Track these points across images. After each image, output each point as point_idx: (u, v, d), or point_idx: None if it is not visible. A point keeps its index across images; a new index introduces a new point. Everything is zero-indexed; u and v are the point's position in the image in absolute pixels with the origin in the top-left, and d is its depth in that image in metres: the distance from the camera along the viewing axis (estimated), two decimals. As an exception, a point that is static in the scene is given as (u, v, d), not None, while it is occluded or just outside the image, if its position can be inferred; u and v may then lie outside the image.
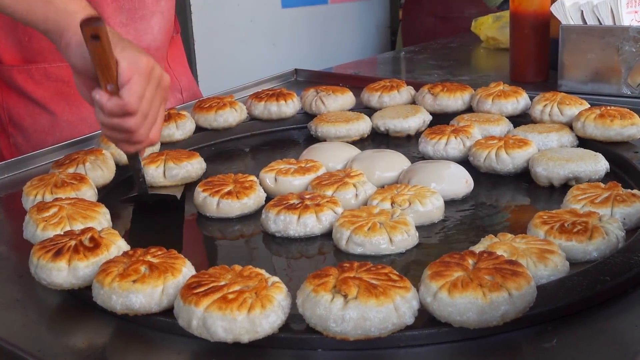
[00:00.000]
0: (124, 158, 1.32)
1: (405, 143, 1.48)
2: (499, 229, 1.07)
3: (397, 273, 0.79)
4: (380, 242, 0.99)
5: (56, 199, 1.07)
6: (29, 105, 1.59)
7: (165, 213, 1.21)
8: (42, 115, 1.60)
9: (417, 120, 1.48)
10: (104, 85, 1.03)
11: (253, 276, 0.79)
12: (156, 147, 1.37)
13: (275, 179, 1.21)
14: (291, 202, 1.08)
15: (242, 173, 1.21)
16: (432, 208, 1.09)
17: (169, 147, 1.44)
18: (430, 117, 1.52)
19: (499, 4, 2.93)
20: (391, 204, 1.08)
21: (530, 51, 1.92)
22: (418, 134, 1.45)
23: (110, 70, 1.02)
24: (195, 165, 1.30)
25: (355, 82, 1.90)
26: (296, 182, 1.20)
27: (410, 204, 1.08)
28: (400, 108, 1.56)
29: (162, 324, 0.82)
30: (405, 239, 1.00)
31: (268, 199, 1.18)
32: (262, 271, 0.81)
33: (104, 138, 1.35)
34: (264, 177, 1.22)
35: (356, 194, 1.14)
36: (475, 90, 1.57)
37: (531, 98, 1.50)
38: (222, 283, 0.78)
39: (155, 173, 1.26)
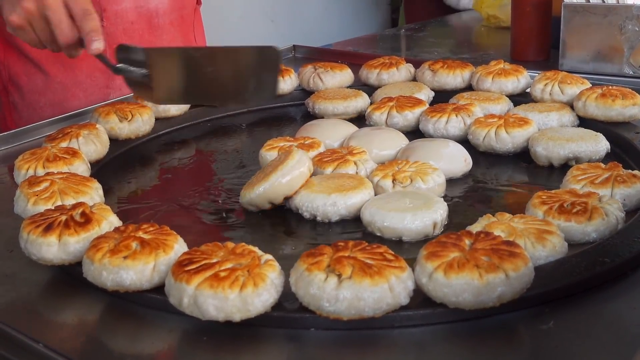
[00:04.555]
0: (118, 133, 1.31)
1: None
2: (497, 208, 1.05)
3: (393, 253, 0.78)
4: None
5: (48, 174, 1.05)
6: (26, 64, 1.60)
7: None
8: (37, 74, 1.61)
9: (421, 96, 1.46)
10: None
11: (246, 254, 0.78)
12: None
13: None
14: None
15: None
16: (433, 185, 1.08)
17: (165, 123, 1.43)
18: (432, 94, 1.51)
19: None
20: (392, 181, 1.07)
21: (532, 29, 1.89)
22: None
23: None
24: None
25: (353, 59, 1.88)
26: None
27: (411, 181, 1.07)
28: (403, 85, 1.54)
29: (153, 301, 0.81)
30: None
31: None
32: (255, 249, 0.80)
33: (100, 112, 1.33)
34: (265, 155, 1.20)
35: (356, 172, 1.12)
36: (475, 68, 1.55)
37: (532, 77, 1.48)
38: (214, 260, 0.77)
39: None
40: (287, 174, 1.02)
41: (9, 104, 1.61)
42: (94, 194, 1.03)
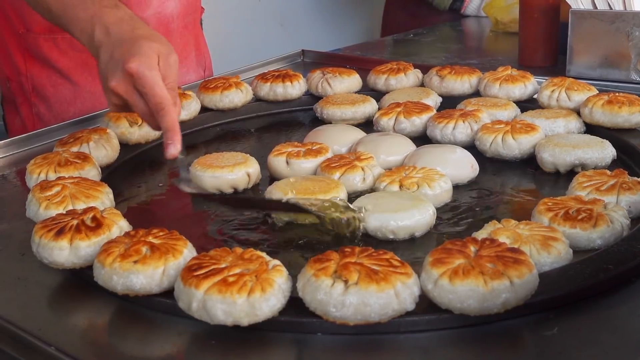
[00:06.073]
0: (129, 137, 1.32)
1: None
2: (503, 214, 1.06)
3: (399, 259, 0.79)
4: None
5: (59, 178, 1.07)
6: (52, 75, 1.61)
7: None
8: (64, 85, 1.62)
9: (429, 102, 1.47)
10: None
11: (254, 259, 0.79)
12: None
13: (287, 162, 1.20)
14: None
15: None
16: (440, 191, 1.09)
17: (174, 127, 1.44)
18: (440, 99, 1.51)
19: (449, 6, 2.82)
20: (399, 187, 1.08)
21: (540, 35, 1.89)
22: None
23: None
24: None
25: (362, 64, 1.89)
26: (309, 165, 1.20)
27: (418, 187, 1.08)
28: (411, 91, 1.55)
29: (162, 305, 0.82)
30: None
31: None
32: (263, 254, 0.81)
33: (110, 117, 1.35)
34: (273, 160, 1.21)
35: (364, 178, 1.13)
36: (483, 74, 1.56)
37: (539, 83, 1.48)
38: (223, 266, 0.78)
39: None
40: None
41: (32, 116, 1.61)
42: (104, 198, 1.04)
